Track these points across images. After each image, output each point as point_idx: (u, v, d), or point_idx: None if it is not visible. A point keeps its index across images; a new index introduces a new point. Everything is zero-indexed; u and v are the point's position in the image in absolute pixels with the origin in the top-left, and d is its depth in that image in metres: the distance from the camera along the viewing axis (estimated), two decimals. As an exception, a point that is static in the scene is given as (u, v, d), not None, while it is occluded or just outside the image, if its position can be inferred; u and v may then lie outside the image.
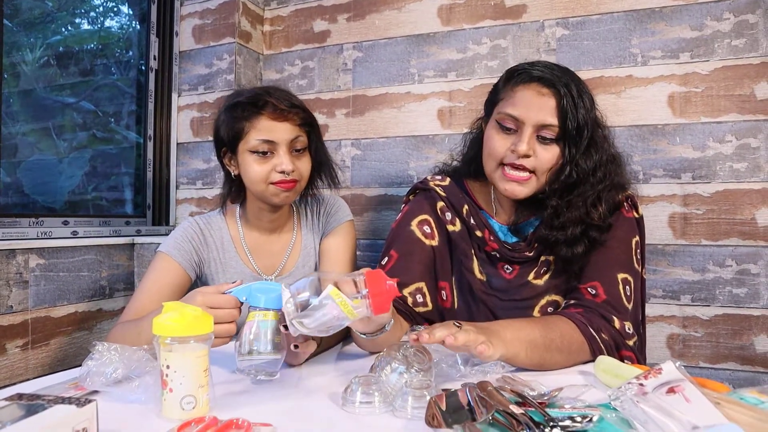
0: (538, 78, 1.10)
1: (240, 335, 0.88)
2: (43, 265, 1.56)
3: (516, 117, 1.09)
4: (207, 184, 2.12)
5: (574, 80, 1.11)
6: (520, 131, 1.09)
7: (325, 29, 2.10)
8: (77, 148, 2.05)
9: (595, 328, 1.00)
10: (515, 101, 1.10)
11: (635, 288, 1.10)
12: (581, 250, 1.09)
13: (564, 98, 1.06)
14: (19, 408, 0.56)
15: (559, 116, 1.07)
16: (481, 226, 1.21)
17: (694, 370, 1.60)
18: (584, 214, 1.08)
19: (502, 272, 1.19)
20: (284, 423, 0.71)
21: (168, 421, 0.71)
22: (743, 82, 1.59)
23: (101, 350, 0.83)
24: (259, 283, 0.91)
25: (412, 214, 1.26)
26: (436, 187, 1.27)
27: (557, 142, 1.09)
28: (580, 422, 0.63)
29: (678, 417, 0.59)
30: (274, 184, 1.24)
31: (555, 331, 0.98)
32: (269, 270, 1.38)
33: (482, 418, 0.64)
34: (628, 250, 1.12)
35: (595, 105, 1.13)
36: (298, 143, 1.25)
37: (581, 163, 1.09)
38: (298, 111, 1.24)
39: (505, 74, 1.18)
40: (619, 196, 1.14)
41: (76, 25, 2.12)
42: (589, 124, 1.09)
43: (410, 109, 1.96)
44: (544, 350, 0.95)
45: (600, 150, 1.12)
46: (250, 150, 1.23)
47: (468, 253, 1.21)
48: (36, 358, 1.53)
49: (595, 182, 1.10)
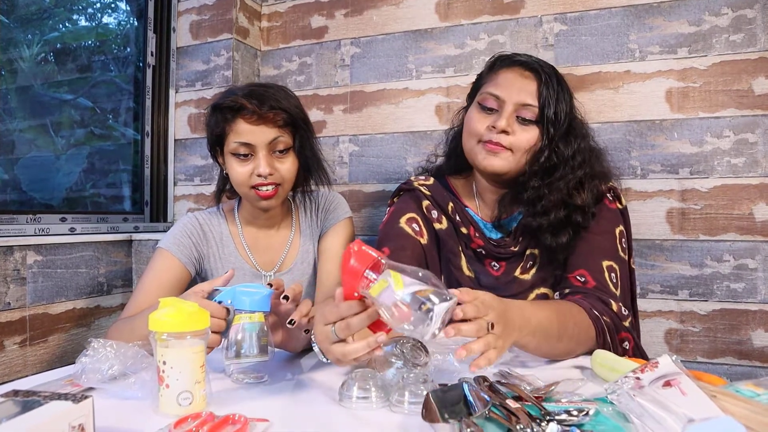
0: (521, 62, 1.15)
1: (227, 339, 0.88)
2: (40, 262, 1.56)
3: (497, 95, 1.12)
4: (205, 181, 2.11)
5: (556, 73, 1.15)
6: (500, 110, 1.12)
7: (322, 25, 2.09)
8: (75, 145, 2.05)
9: (598, 311, 1.01)
10: (498, 82, 1.14)
11: (622, 275, 1.11)
12: (565, 240, 1.10)
13: (544, 84, 1.10)
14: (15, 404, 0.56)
15: (539, 98, 1.10)
16: (467, 223, 1.22)
17: (692, 364, 1.60)
18: (566, 196, 1.10)
19: (489, 269, 1.20)
20: (281, 418, 0.71)
21: (165, 416, 0.71)
22: (741, 78, 1.59)
23: (96, 347, 0.83)
24: (243, 285, 0.91)
25: (399, 212, 1.26)
26: (421, 186, 1.27)
27: (536, 124, 1.11)
28: (577, 416, 0.63)
29: (674, 410, 0.59)
30: (254, 188, 1.24)
31: (570, 319, 0.97)
32: (268, 266, 1.38)
33: (479, 413, 0.64)
34: (612, 238, 1.13)
35: (574, 100, 1.17)
36: (279, 144, 1.23)
37: (561, 147, 1.11)
38: (278, 112, 1.21)
39: (489, 62, 1.21)
40: (602, 186, 1.15)
41: (73, 21, 2.11)
42: (567, 112, 1.12)
43: (408, 105, 1.96)
44: (557, 340, 0.93)
45: (579, 137, 1.14)
46: (231, 152, 1.24)
47: (456, 251, 1.21)
48: (34, 355, 1.53)
49: (575, 166, 1.12)
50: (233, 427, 0.66)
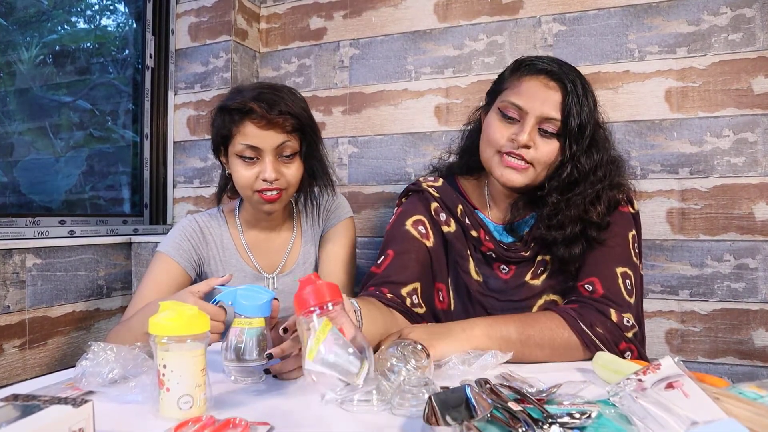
0: (546, 71, 1.10)
1: (226, 340, 0.88)
2: (40, 265, 1.55)
3: (520, 106, 1.08)
4: (204, 183, 2.11)
5: (580, 78, 1.11)
6: (522, 121, 1.08)
7: (321, 26, 2.09)
8: (74, 147, 2.04)
9: (587, 323, 0.99)
10: (521, 91, 1.10)
11: (636, 281, 1.08)
12: (578, 251, 1.09)
13: (570, 94, 1.06)
14: (15, 409, 0.56)
15: (563, 111, 1.06)
16: (476, 226, 1.20)
17: (693, 365, 1.60)
18: (582, 212, 1.08)
19: (498, 273, 1.18)
20: (282, 422, 0.71)
21: (165, 420, 0.71)
22: (740, 77, 1.59)
23: (96, 350, 0.82)
24: (245, 288, 0.91)
25: (406, 214, 1.25)
26: (429, 188, 1.25)
27: (558, 137, 1.08)
28: (579, 418, 0.63)
29: (677, 412, 0.59)
30: (259, 192, 1.23)
31: (534, 327, 0.98)
32: (270, 268, 1.37)
33: (481, 416, 0.63)
34: (625, 244, 1.11)
35: (598, 105, 1.13)
36: (286, 149, 1.22)
37: (582, 161, 1.08)
38: (287, 117, 1.20)
39: (513, 64, 1.17)
40: (618, 195, 1.13)
41: (72, 23, 2.11)
42: (591, 123, 1.08)
43: (407, 106, 1.96)
44: (521, 345, 0.96)
45: (601, 150, 1.11)
46: (237, 154, 1.22)
47: (464, 254, 1.20)
48: (34, 359, 1.52)
49: (595, 181, 1.09)
50: (234, 430, 0.66)
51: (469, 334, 0.96)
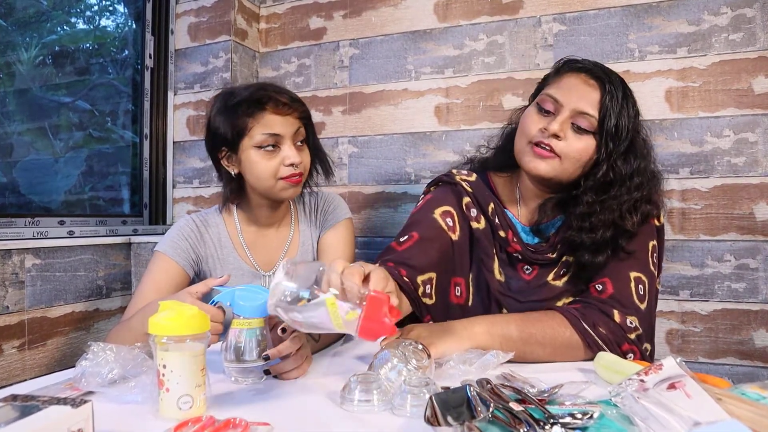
0: (588, 70, 1.10)
1: (225, 341, 0.87)
2: (39, 265, 1.55)
3: (556, 98, 1.08)
4: (204, 183, 2.11)
5: (624, 85, 1.10)
6: (556, 114, 1.08)
7: (321, 26, 2.09)
8: (73, 148, 2.04)
9: (589, 323, 0.99)
10: (560, 85, 1.11)
11: (650, 288, 1.07)
12: (602, 260, 1.07)
13: (608, 94, 1.06)
14: (14, 409, 0.56)
15: (600, 109, 1.06)
16: (506, 226, 1.19)
17: (694, 365, 1.59)
18: (618, 218, 1.06)
19: (521, 273, 1.18)
20: (282, 422, 0.71)
21: (165, 421, 0.71)
22: (741, 77, 1.59)
23: (96, 350, 0.82)
24: (244, 288, 0.90)
25: (436, 201, 1.23)
26: (463, 181, 1.23)
27: (593, 135, 1.07)
28: (581, 419, 0.63)
29: (679, 413, 0.59)
30: (284, 179, 1.25)
31: (535, 326, 0.98)
32: (267, 266, 1.37)
33: (482, 416, 0.63)
34: (645, 251, 1.10)
35: (639, 117, 1.12)
36: (300, 135, 1.28)
37: (619, 164, 1.07)
38: (298, 105, 1.27)
39: (556, 64, 1.18)
40: (653, 211, 1.12)
41: (71, 24, 2.10)
42: (630, 128, 1.07)
43: (407, 106, 1.96)
44: (522, 344, 0.96)
45: (639, 158, 1.10)
46: (256, 146, 1.23)
47: (489, 253, 1.18)
48: (33, 359, 1.52)
49: (632, 188, 1.08)
50: (234, 430, 0.65)
51: (471, 332, 0.96)
